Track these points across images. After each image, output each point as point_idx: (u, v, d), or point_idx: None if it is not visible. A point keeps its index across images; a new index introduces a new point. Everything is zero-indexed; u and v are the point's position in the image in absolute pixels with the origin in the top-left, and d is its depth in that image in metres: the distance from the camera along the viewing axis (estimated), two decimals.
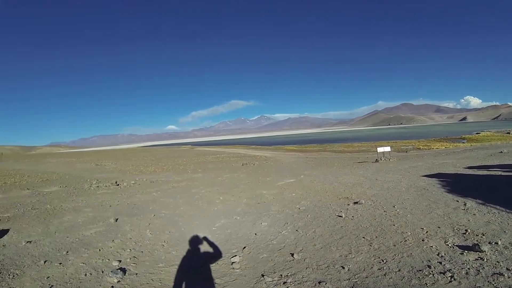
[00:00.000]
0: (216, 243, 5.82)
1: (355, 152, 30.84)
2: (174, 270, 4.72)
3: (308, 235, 5.76)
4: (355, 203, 7.80)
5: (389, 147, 21.19)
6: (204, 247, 5.70)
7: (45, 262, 5.09)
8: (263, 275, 4.24)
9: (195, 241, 6.00)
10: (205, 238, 6.09)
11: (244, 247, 5.47)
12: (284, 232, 6.07)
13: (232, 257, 5.02)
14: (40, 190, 14.40)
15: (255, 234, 6.11)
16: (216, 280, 4.29)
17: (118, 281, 4.34)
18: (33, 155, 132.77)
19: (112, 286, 4.19)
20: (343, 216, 6.69)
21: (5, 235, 6.76)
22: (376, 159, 19.54)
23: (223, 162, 26.94)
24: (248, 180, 14.09)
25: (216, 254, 5.27)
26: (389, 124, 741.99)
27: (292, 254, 4.83)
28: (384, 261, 4.34)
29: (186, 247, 5.74)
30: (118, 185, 15.11)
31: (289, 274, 4.21)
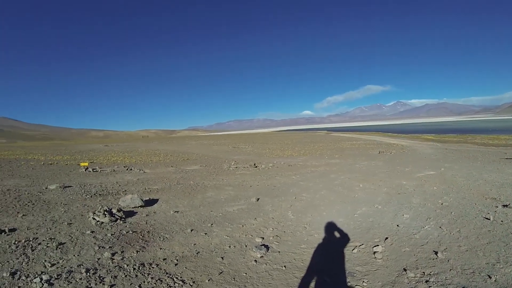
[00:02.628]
0: (358, 230, 6.43)
1: (501, 146, 29.79)
2: (316, 252, 5.41)
3: (452, 234, 6.05)
4: (504, 206, 7.84)
5: None
6: (346, 233, 6.33)
7: (191, 230, 6.49)
8: (405, 270, 4.65)
9: (337, 226, 6.72)
10: (346, 224, 6.80)
11: (387, 238, 5.95)
12: (426, 227, 6.51)
13: (374, 246, 5.54)
14: (183, 168, 18.10)
15: (397, 225, 6.67)
16: (358, 268, 4.82)
17: (261, 256, 5.22)
18: (174, 137, 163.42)
19: (255, 260, 5.05)
20: (491, 219, 6.78)
21: (155, 204, 8.94)
22: None
23: (360, 149, 29.08)
24: (386, 169, 15.17)
25: (358, 242, 5.82)
26: None
27: (436, 252, 5.16)
28: None
29: (328, 231, 6.48)
30: (256, 167, 17.56)
31: (432, 273, 4.53)
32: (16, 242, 5.64)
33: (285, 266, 4.89)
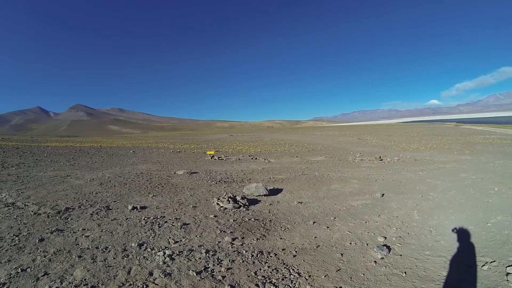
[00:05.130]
0: (491, 243, 5.48)
1: None
2: (440, 261, 4.81)
3: None
4: None
5: None
6: (476, 245, 5.47)
7: (313, 223, 6.51)
8: None
9: (466, 234, 5.92)
10: (477, 234, 5.89)
11: None
12: None
13: (508, 266, 4.65)
14: (308, 159, 18.53)
15: None
16: None
17: (382, 258, 4.91)
18: (298, 128, 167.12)
19: (375, 261, 4.78)
20: None
21: (279, 193, 9.25)
22: None
23: (494, 145, 25.75)
24: None
25: (489, 257, 4.95)
26: None
27: None
28: None
29: (456, 238, 5.74)
30: (381, 160, 17.27)
31: None
32: (145, 218, 6.54)
33: (405, 273, 4.51)
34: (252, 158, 18.95)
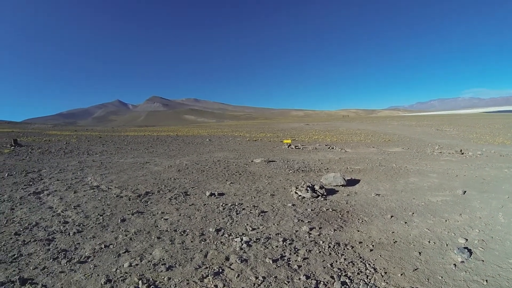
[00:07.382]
0: None
1: None
2: None
3: None
4: None
5: None
6: None
7: (391, 217, 6.27)
8: None
9: None
10: None
11: None
12: None
13: None
14: (384, 149, 17.94)
15: None
16: None
17: (462, 262, 4.48)
18: (374, 117, 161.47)
19: (455, 264, 4.39)
20: None
21: (357, 184, 9.06)
22: None
23: None
24: None
25: None
26: None
27: None
28: None
29: None
30: (462, 153, 16.07)
31: None
32: (223, 205, 6.83)
33: (486, 281, 4.05)
34: (328, 148, 18.86)
